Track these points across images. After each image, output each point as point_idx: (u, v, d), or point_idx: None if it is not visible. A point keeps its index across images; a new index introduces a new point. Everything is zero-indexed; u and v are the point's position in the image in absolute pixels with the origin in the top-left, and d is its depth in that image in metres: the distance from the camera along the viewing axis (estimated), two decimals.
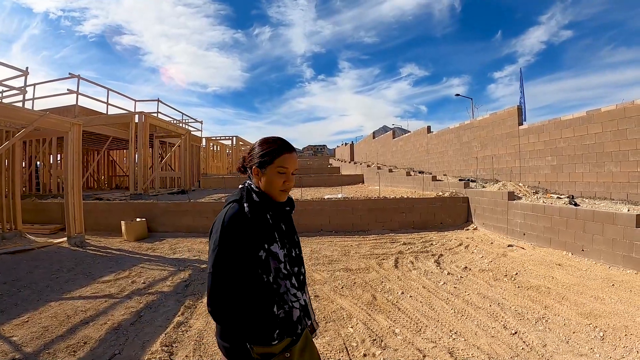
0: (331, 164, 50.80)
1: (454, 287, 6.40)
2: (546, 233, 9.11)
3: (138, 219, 11.87)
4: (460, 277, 7.00)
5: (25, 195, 17.07)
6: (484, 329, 4.74)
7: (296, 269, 1.95)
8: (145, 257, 9.11)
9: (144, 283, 6.96)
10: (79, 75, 17.96)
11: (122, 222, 11.50)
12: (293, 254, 1.98)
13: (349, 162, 39.92)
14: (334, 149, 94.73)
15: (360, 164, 33.71)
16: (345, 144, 64.51)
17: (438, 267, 7.67)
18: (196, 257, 9.05)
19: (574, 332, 4.55)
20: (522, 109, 13.71)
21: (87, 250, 9.88)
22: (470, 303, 5.62)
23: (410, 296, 5.96)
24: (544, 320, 4.92)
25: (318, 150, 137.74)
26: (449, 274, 7.21)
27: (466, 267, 7.60)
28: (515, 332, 4.60)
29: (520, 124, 13.37)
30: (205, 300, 5.88)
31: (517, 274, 7.05)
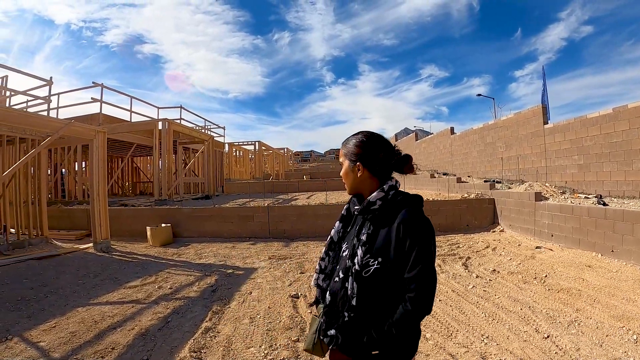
0: None
1: (484, 290, 6.30)
2: (575, 234, 8.93)
3: (163, 225, 11.95)
4: (489, 280, 6.89)
5: (51, 201, 17.30)
6: (516, 333, 4.64)
7: None
8: (171, 263, 9.14)
9: (170, 288, 6.98)
10: (102, 84, 18.20)
11: (148, 228, 11.57)
12: None
13: None
14: None
15: None
16: None
17: (466, 270, 7.57)
18: (222, 263, 9.03)
19: (607, 336, 4.45)
20: (547, 108, 13.49)
21: (113, 256, 9.96)
22: (501, 306, 5.51)
23: (440, 300, 5.87)
24: (576, 324, 4.81)
25: None
26: (477, 277, 7.11)
27: (494, 270, 7.48)
28: (548, 336, 4.49)
29: (546, 123, 13.15)
30: (233, 305, 5.86)
31: (546, 276, 6.91)
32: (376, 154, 1.90)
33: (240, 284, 7.13)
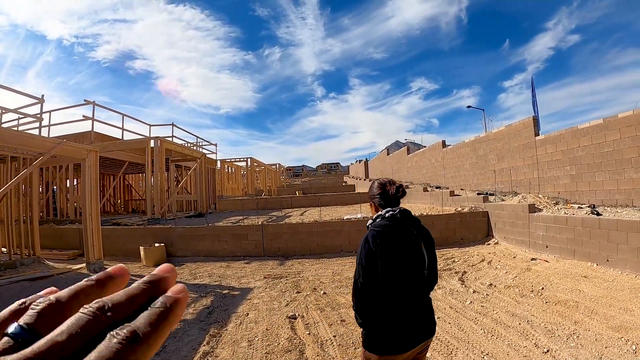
0: (345, 182, 50.76)
1: (481, 305, 6.26)
2: (569, 244, 8.96)
3: (157, 244, 11.83)
4: (487, 294, 6.85)
5: (42, 220, 17.12)
6: (516, 348, 4.62)
7: None
8: None
9: None
10: (94, 101, 18.17)
11: (141, 248, 11.47)
12: None
13: (364, 180, 39.82)
14: (348, 167, 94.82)
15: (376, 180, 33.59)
16: (359, 161, 64.53)
17: (463, 285, 7.53)
18: (217, 283, 8.92)
19: (606, 347, 4.44)
20: (537, 119, 13.57)
21: None
22: (499, 322, 5.48)
23: (438, 317, 5.78)
24: (575, 337, 4.80)
25: (332, 169, 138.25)
26: (474, 292, 7.07)
27: (491, 284, 7.45)
28: (548, 351, 4.47)
29: (537, 134, 13.24)
30: (230, 327, 5.79)
31: (543, 288, 6.90)
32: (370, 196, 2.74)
33: (236, 305, 7.03)
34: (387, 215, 2.43)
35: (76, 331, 0.37)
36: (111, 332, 0.37)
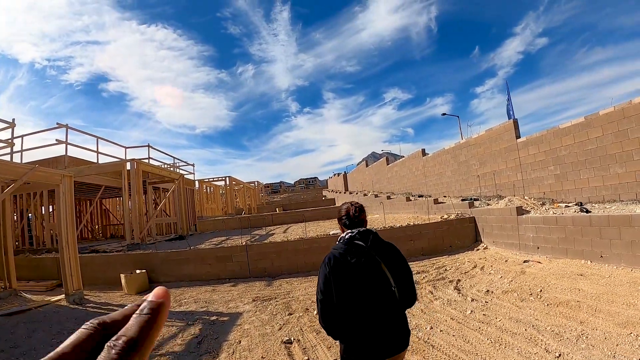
0: (325, 196, 50.64)
1: (483, 314, 6.03)
2: (561, 244, 8.88)
3: (138, 271, 11.41)
4: (486, 302, 6.64)
5: (18, 250, 16.72)
6: (527, 356, 4.44)
7: None
8: None
9: None
10: (67, 124, 17.69)
11: (122, 275, 11.04)
12: None
13: (344, 193, 39.73)
14: (326, 180, 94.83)
15: (357, 193, 33.53)
16: (338, 174, 64.55)
17: (460, 294, 7.30)
18: (204, 309, 8.52)
19: (617, 345, 4.32)
20: (517, 122, 13.56)
21: (87, 308, 9.39)
22: (504, 329, 5.27)
23: (441, 330, 5.58)
24: (584, 337, 4.66)
25: (310, 183, 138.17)
26: (472, 300, 6.85)
27: (488, 291, 7.25)
28: (559, 355, 4.32)
29: (518, 137, 13.23)
30: (222, 357, 5.46)
31: (541, 290, 6.74)
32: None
33: (227, 333, 6.65)
34: (346, 237, 2.61)
35: (79, 343, 0.44)
36: (108, 343, 0.44)
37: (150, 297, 0.51)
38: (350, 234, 2.61)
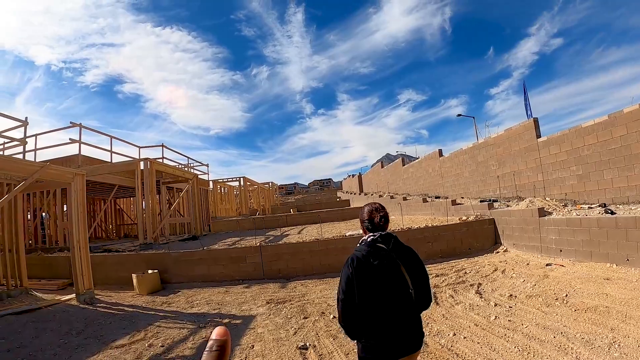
0: (339, 197, 50.45)
1: (508, 320, 5.74)
2: (585, 246, 8.56)
3: (150, 271, 11.27)
4: (510, 307, 6.35)
5: (31, 248, 16.74)
6: None
7: None
8: (160, 314, 8.42)
9: (162, 346, 6.23)
10: (80, 123, 17.64)
11: (134, 275, 10.88)
12: None
13: (359, 194, 39.46)
14: (340, 182, 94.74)
15: (372, 194, 33.26)
16: (352, 175, 64.37)
17: (482, 299, 7.02)
18: (216, 311, 8.30)
19: None
20: (538, 121, 13.22)
21: (98, 308, 9.23)
22: (532, 337, 5.00)
23: (464, 337, 5.30)
24: (616, 345, 4.41)
25: (324, 185, 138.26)
26: (496, 305, 6.55)
27: (511, 295, 6.96)
28: None
29: (539, 136, 12.93)
30: None
31: (567, 295, 6.46)
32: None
33: (239, 336, 6.39)
34: (369, 239, 2.66)
35: None
36: None
37: (214, 335, 0.64)
38: (372, 237, 2.66)
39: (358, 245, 2.73)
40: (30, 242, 18.63)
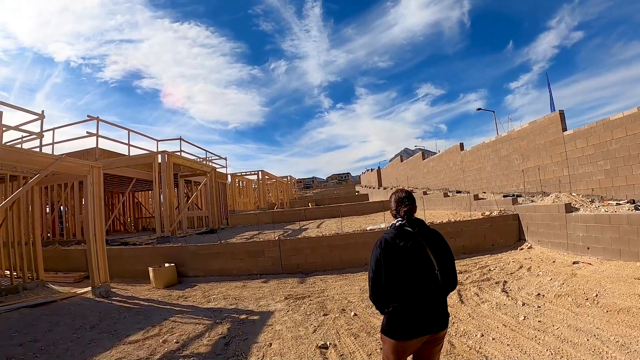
0: (358, 192, 50.27)
1: (538, 321, 5.48)
2: (614, 244, 8.24)
3: (167, 264, 11.20)
4: (538, 307, 6.08)
5: (49, 241, 16.86)
6: None
7: None
8: (176, 308, 8.30)
9: (177, 342, 6.05)
10: (97, 117, 17.69)
11: (150, 269, 10.81)
12: None
13: (378, 188, 39.21)
14: (358, 176, 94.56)
15: (390, 188, 32.97)
16: (371, 169, 64.12)
17: (508, 297, 6.76)
18: (233, 306, 8.14)
19: None
20: (564, 114, 12.83)
21: (113, 302, 9.16)
22: (564, 339, 4.74)
23: (493, 338, 5.05)
24: None
25: (342, 179, 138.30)
26: (524, 304, 6.29)
27: (539, 294, 6.69)
28: None
29: (565, 129, 12.54)
30: None
31: (597, 295, 6.16)
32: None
33: (256, 333, 6.21)
34: (397, 224, 2.90)
35: None
36: None
37: None
38: (400, 221, 2.90)
39: (388, 228, 2.98)
40: (48, 234, 18.79)
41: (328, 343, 5.46)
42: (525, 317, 5.69)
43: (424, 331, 2.69)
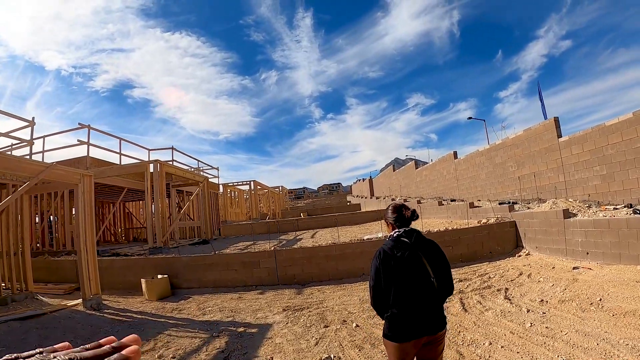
0: (350, 202, 50.23)
1: (545, 327, 5.38)
2: (614, 248, 8.23)
3: (159, 276, 11.00)
4: (544, 313, 5.99)
5: (38, 252, 16.64)
6: None
7: None
8: (171, 321, 8.06)
9: (173, 357, 5.83)
10: (89, 125, 17.55)
11: (143, 280, 10.60)
12: None
13: (370, 198, 39.19)
14: (350, 186, 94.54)
15: (383, 198, 32.97)
16: (363, 179, 64.18)
17: (512, 305, 6.65)
18: (230, 319, 7.92)
19: None
20: (558, 120, 12.83)
21: (105, 314, 8.94)
22: (574, 345, 4.66)
23: (502, 346, 4.92)
24: None
25: (333, 189, 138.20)
26: (528, 311, 6.19)
27: (542, 300, 6.61)
28: None
29: (560, 136, 12.59)
30: None
31: (601, 299, 6.12)
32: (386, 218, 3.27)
33: (256, 347, 5.99)
34: (394, 235, 3.05)
35: None
36: None
37: (124, 351, 0.55)
38: (397, 233, 3.05)
39: (385, 240, 3.16)
40: (37, 245, 18.60)
41: (332, 356, 5.29)
42: (531, 323, 5.58)
43: (421, 333, 2.84)
